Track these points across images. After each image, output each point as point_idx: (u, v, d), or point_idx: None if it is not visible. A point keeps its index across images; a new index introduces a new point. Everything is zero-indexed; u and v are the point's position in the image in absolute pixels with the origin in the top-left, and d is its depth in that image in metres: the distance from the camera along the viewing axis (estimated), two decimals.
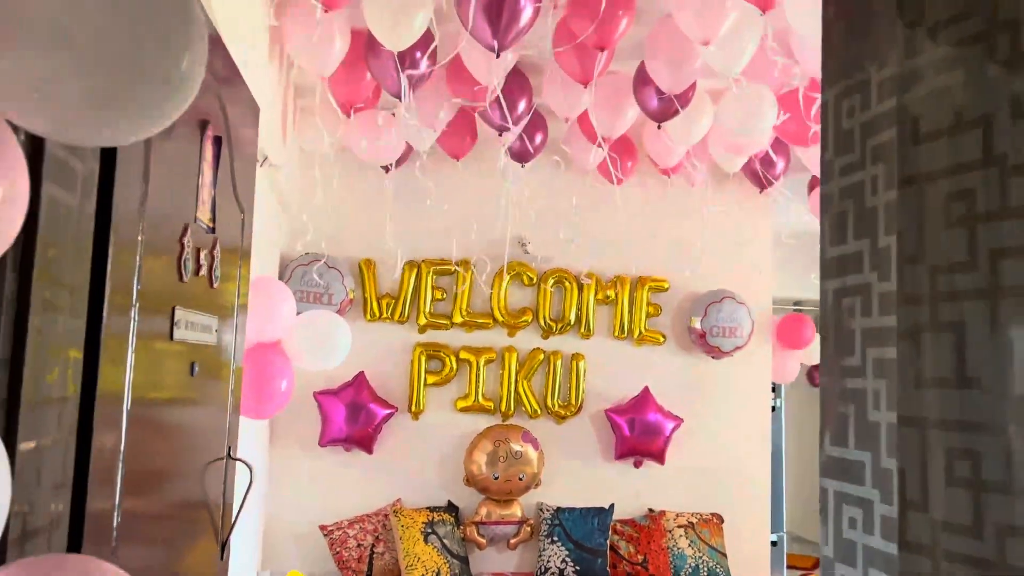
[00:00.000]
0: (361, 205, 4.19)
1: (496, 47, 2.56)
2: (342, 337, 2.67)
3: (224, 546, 1.83)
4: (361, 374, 4.25)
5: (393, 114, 3.44)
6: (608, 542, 4.27)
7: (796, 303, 6.54)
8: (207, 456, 1.75)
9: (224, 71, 1.74)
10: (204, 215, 1.61)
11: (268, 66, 3.00)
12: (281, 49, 3.26)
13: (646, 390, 4.56)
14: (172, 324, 1.46)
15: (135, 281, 1.28)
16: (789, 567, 6.09)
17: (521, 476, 4.29)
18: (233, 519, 1.89)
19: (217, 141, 1.66)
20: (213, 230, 1.68)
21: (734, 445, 4.69)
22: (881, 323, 1.03)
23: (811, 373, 7.76)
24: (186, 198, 1.53)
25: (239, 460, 1.89)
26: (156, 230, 1.36)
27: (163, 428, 1.51)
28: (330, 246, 4.12)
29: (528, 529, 4.37)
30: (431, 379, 4.39)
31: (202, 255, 1.60)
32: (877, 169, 1.05)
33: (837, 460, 1.10)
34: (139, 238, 1.28)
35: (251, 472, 1.87)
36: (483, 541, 4.31)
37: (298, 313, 2.82)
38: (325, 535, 4.08)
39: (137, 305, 1.29)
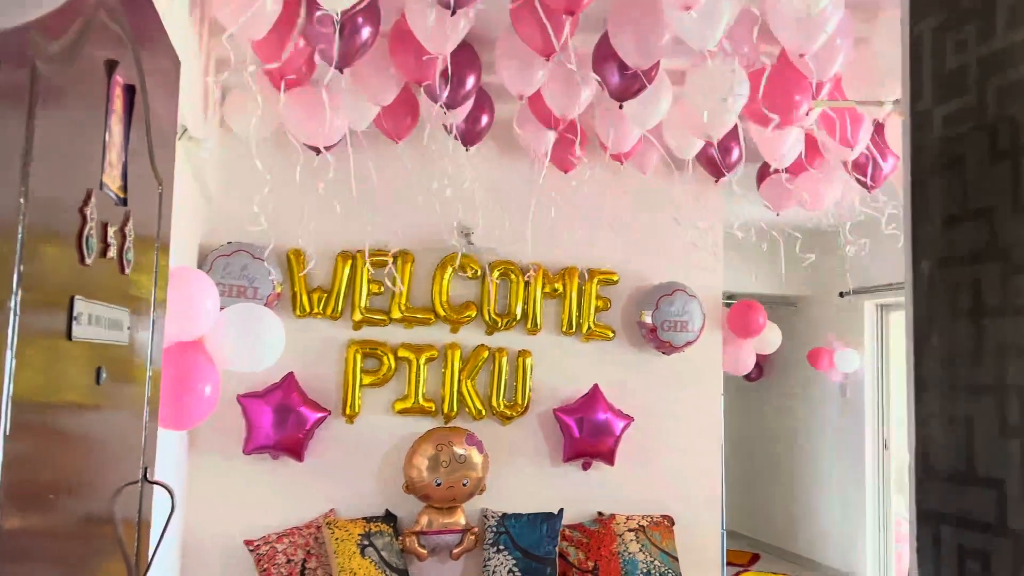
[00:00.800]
0: (290, 190, 3.84)
1: (452, 2, 2.27)
2: (274, 334, 2.35)
3: None
4: (290, 375, 3.90)
5: (327, 87, 3.11)
6: (557, 549, 4.04)
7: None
8: (117, 473, 1.43)
9: (137, 7, 1.41)
10: (112, 182, 1.29)
11: (188, 24, 2.64)
12: (203, 8, 2.90)
13: (596, 388, 4.34)
14: (71, 319, 1.14)
15: (16, 262, 0.96)
16: (728, 564, 5.99)
17: (465, 482, 4.02)
18: (152, 551, 1.56)
19: (129, 91, 1.34)
20: (124, 202, 1.36)
21: (686, 443, 4.52)
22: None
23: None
24: (89, 157, 1.21)
25: (157, 483, 1.57)
26: (47, 196, 1.04)
27: (60, 440, 1.19)
28: (255, 235, 3.76)
29: (472, 538, 4.10)
30: (367, 379, 4.07)
31: (110, 232, 1.28)
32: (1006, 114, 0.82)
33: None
34: (20, 202, 0.96)
35: (172, 497, 1.55)
36: (424, 552, 4.02)
37: (221, 308, 2.48)
38: (251, 551, 3.72)
39: (19, 294, 0.97)
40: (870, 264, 5.25)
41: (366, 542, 3.76)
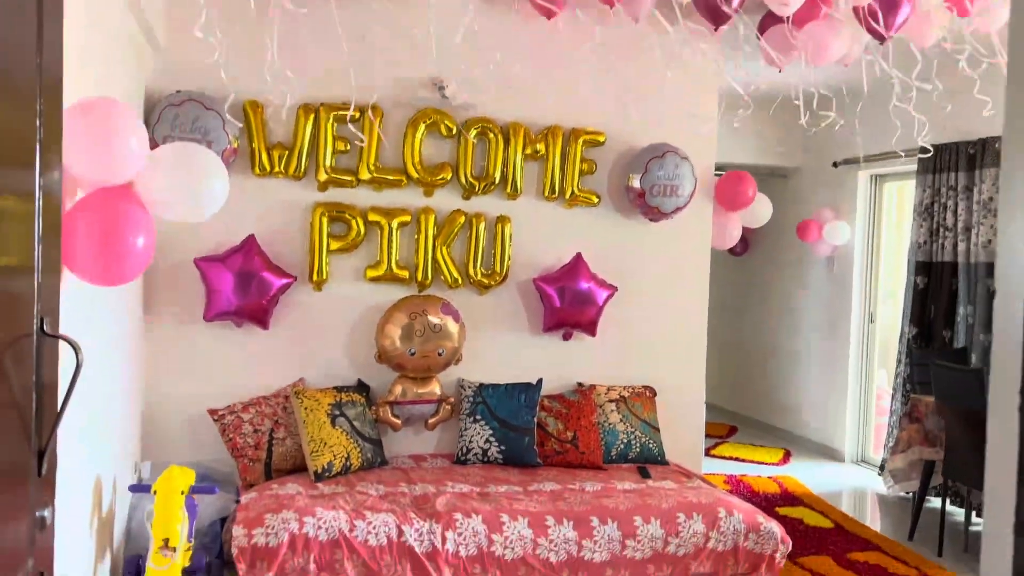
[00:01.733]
0: (247, 33, 3.44)
1: None
2: (216, 176, 2.07)
3: (42, 457, 1.29)
4: (250, 238, 3.64)
5: None
6: (535, 419, 3.92)
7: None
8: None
9: None
10: None
11: None
12: None
13: (578, 256, 4.12)
14: None
15: None
16: (706, 436, 5.97)
17: (440, 351, 3.84)
18: (55, 420, 1.34)
19: None
20: None
21: (670, 314, 4.36)
22: None
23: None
24: None
25: (60, 337, 1.33)
26: None
27: None
28: (208, 83, 3.41)
29: (448, 408, 3.97)
30: (335, 245, 3.82)
31: None
32: None
33: None
34: None
35: (78, 353, 1.32)
36: (398, 422, 3.89)
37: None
38: (216, 420, 3.57)
39: None
40: (869, 134, 4.95)
41: (337, 412, 3.61)
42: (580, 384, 4.21)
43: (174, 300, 3.62)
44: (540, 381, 4.02)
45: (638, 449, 4.04)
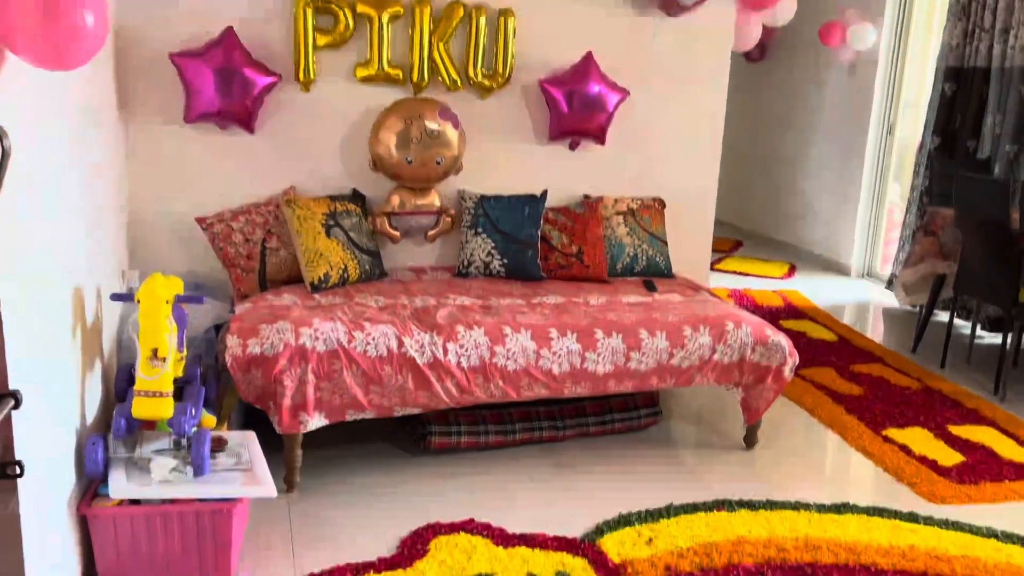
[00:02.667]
0: None
1: None
2: None
3: None
4: (229, 31, 3.31)
5: None
6: (539, 232, 3.76)
7: None
8: None
9: None
10: None
11: None
12: None
13: (589, 56, 3.79)
14: None
15: None
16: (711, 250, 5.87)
17: (439, 160, 3.62)
18: None
19: None
20: None
21: (684, 122, 4.09)
22: None
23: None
24: None
25: None
26: None
27: None
28: None
29: (448, 220, 3.80)
30: (322, 40, 3.48)
31: None
32: None
33: None
34: None
35: (3, 140, 1.12)
36: (396, 234, 3.73)
37: None
38: (204, 229, 3.40)
39: None
40: None
41: (332, 222, 3.44)
42: (587, 196, 4.01)
43: (151, 100, 3.35)
44: (545, 193, 3.83)
45: (644, 263, 3.90)
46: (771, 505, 3.02)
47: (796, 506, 3.03)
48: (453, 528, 2.79)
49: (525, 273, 3.71)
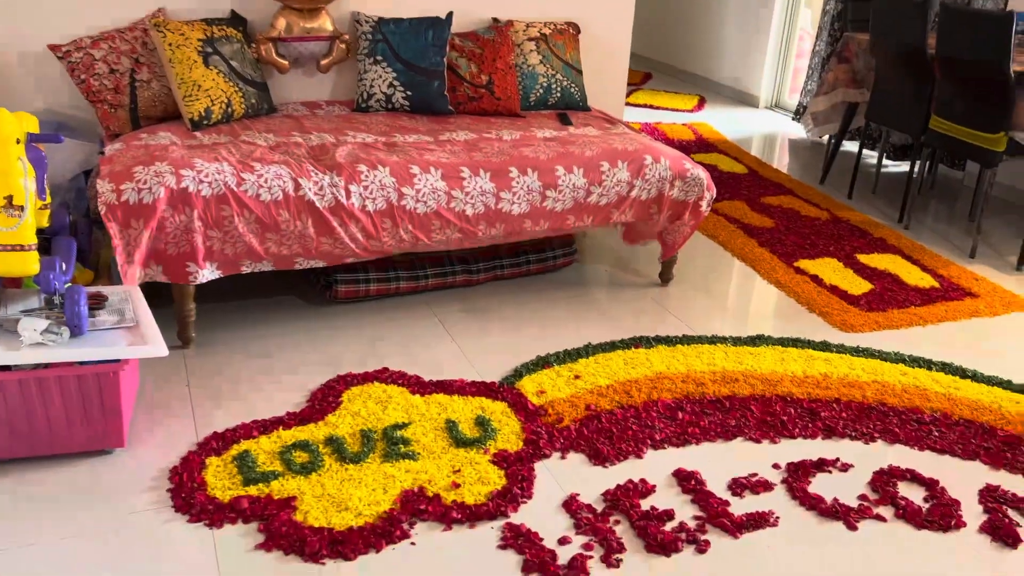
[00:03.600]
0: None
1: None
2: None
3: None
4: None
5: None
6: (445, 60, 3.44)
7: None
8: None
9: None
10: None
11: None
12: None
13: None
14: None
15: None
16: None
17: None
18: None
19: None
20: None
21: None
22: None
23: None
24: None
25: None
26: None
27: None
28: None
29: (343, 47, 3.43)
30: None
31: None
32: None
33: None
34: None
35: None
36: (285, 63, 3.36)
37: None
38: (60, 58, 2.96)
39: None
40: None
41: (209, 49, 3.04)
42: (496, 19, 3.69)
43: None
44: (450, 15, 3.48)
45: (559, 94, 3.66)
46: (688, 340, 3.00)
47: (713, 340, 3.01)
48: (366, 378, 2.65)
49: (431, 107, 3.42)
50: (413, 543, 1.98)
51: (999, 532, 2.11)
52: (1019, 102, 3.64)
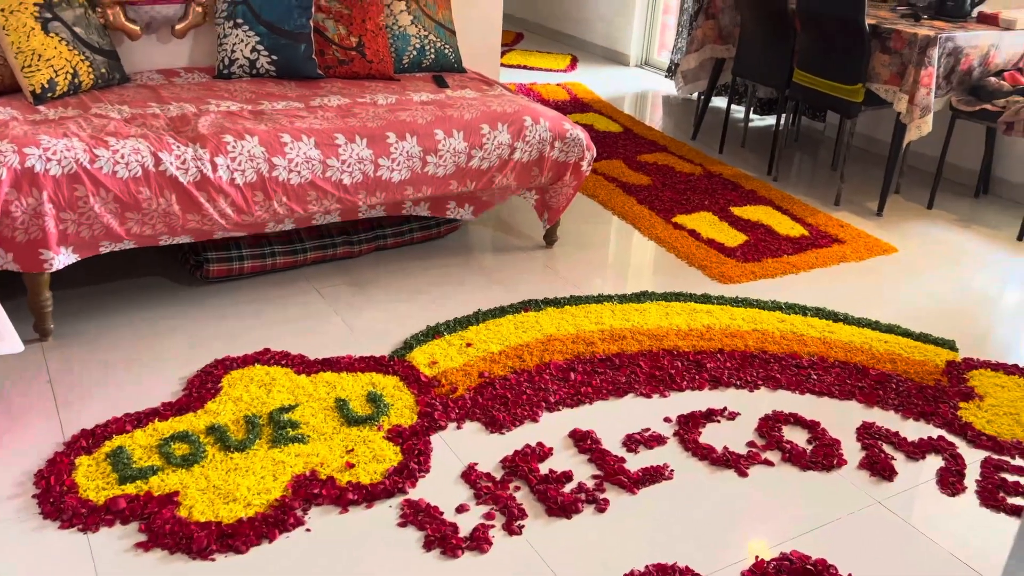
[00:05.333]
0: None
1: None
2: None
3: None
4: None
5: None
6: (311, 22, 3.28)
7: None
8: None
9: None
10: None
11: None
12: None
13: None
14: None
15: None
16: None
17: None
18: None
19: None
20: None
21: None
22: None
23: None
24: None
25: None
26: None
27: None
28: None
29: (199, 10, 3.22)
30: None
31: None
32: None
33: None
34: None
35: None
36: (136, 28, 3.12)
37: None
38: None
39: None
40: None
41: (48, 14, 2.78)
42: None
43: None
44: None
45: (433, 55, 3.57)
46: (575, 301, 3.01)
47: (599, 299, 3.03)
48: (246, 361, 2.52)
49: (299, 72, 3.27)
50: (308, 529, 1.90)
51: (876, 467, 2.22)
52: (874, 54, 3.80)
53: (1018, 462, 2.28)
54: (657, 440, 2.29)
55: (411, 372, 2.51)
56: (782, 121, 4.43)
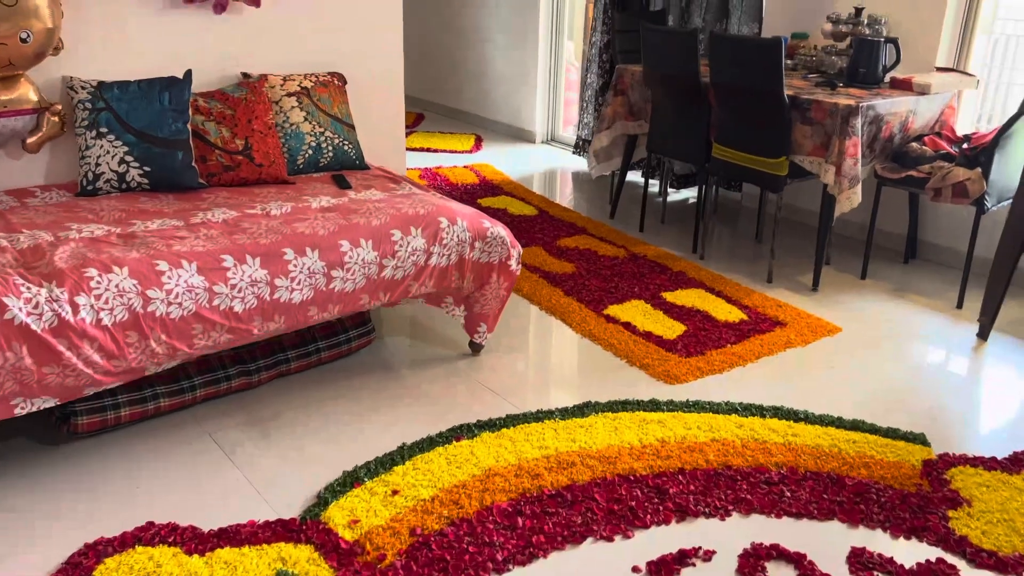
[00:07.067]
0: None
1: None
2: None
3: None
4: None
5: None
6: (189, 127, 2.91)
7: None
8: None
9: None
10: None
11: None
12: None
13: None
14: None
15: None
16: None
17: (24, 36, 2.58)
18: None
19: None
20: None
21: None
22: None
23: None
24: None
25: None
26: None
27: None
28: None
29: (55, 119, 2.80)
30: None
31: None
32: None
33: None
34: None
35: None
36: None
37: None
38: None
39: None
40: None
41: None
42: (246, 75, 3.20)
43: None
44: (189, 73, 2.95)
45: (331, 153, 3.23)
46: (512, 421, 2.66)
47: (539, 416, 2.69)
48: (124, 542, 2.07)
49: (177, 183, 2.87)
50: None
51: None
52: (794, 125, 3.67)
53: None
54: None
55: (328, 538, 2.10)
56: (702, 196, 4.26)
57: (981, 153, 3.49)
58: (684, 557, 2.08)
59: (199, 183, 2.91)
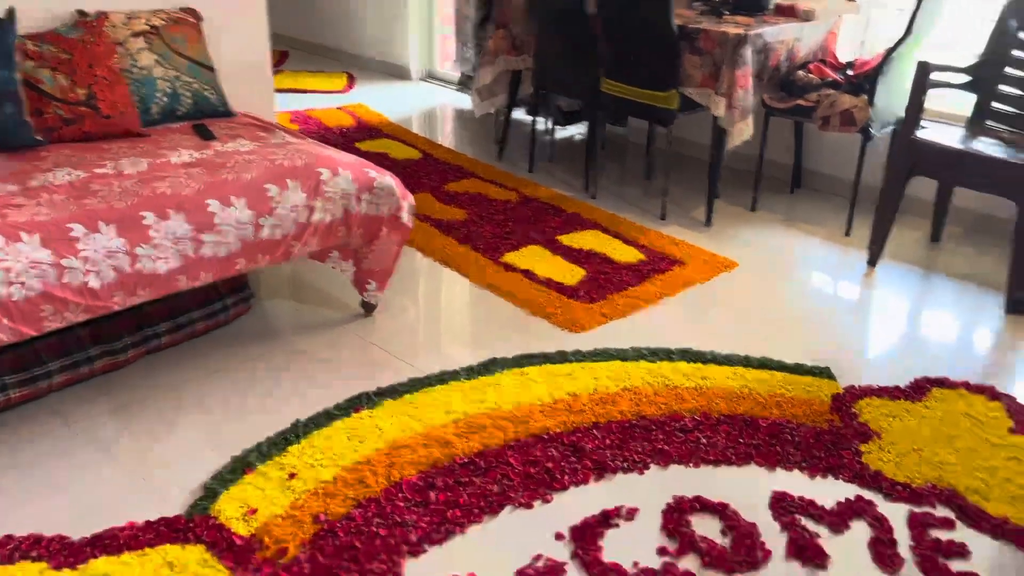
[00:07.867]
0: None
1: None
2: None
3: None
4: None
5: None
6: (18, 75, 2.51)
7: None
8: None
9: None
10: None
11: None
12: None
13: None
14: None
15: None
16: None
17: None
18: None
19: None
20: None
21: None
22: None
23: None
24: None
25: None
26: None
27: None
28: None
29: None
30: None
31: None
32: None
33: None
34: None
35: None
36: None
37: None
38: None
39: None
40: None
41: None
42: (82, 12, 2.79)
43: None
44: (12, 12, 2.54)
45: (190, 100, 2.88)
46: (415, 385, 2.49)
47: (443, 378, 2.53)
48: None
49: (8, 141, 2.49)
50: None
51: (805, 553, 1.90)
52: (684, 55, 3.57)
53: (940, 512, 2.05)
54: (555, 570, 1.83)
55: (220, 535, 1.89)
56: (593, 133, 4.13)
57: (865, 80, 3.49)
58: (607, 518, 1.99)
59: (35, 140, 2.52)
